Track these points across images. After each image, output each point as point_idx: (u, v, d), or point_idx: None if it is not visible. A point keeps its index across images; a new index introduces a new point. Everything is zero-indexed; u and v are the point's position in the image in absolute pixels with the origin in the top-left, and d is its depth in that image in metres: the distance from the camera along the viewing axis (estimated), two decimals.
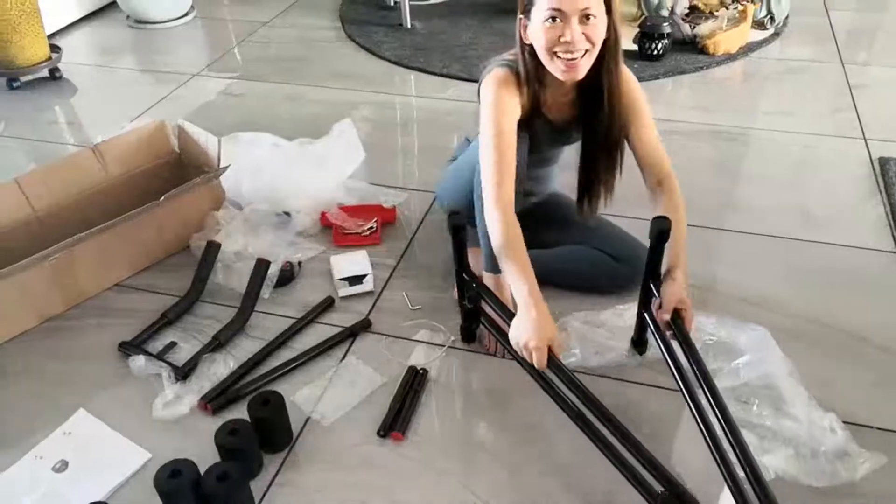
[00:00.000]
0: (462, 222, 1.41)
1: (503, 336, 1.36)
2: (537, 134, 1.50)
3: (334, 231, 1.90)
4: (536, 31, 1.32)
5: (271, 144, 2.14)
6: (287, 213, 1.94)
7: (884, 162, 2.11)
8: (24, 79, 2.81)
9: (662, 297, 1.33)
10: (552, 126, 1.52)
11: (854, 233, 1.87)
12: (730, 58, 2.81)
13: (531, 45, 1.36)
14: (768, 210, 1.96)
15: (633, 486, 1.15)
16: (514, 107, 1.39)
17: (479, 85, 1.45)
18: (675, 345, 1.31)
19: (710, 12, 2.91)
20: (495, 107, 1.38)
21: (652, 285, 1.39)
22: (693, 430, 1.27)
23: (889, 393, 1.44)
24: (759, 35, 2.93)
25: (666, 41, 2.76)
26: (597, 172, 1.50)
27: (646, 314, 1.43)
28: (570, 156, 1.84)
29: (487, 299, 1.45)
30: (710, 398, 1.17)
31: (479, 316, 1.54)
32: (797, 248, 1.83)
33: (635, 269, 1.60)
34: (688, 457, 1.32)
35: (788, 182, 2.09)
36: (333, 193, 2.01)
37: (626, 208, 1.70)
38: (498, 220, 1.34)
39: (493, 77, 1.40)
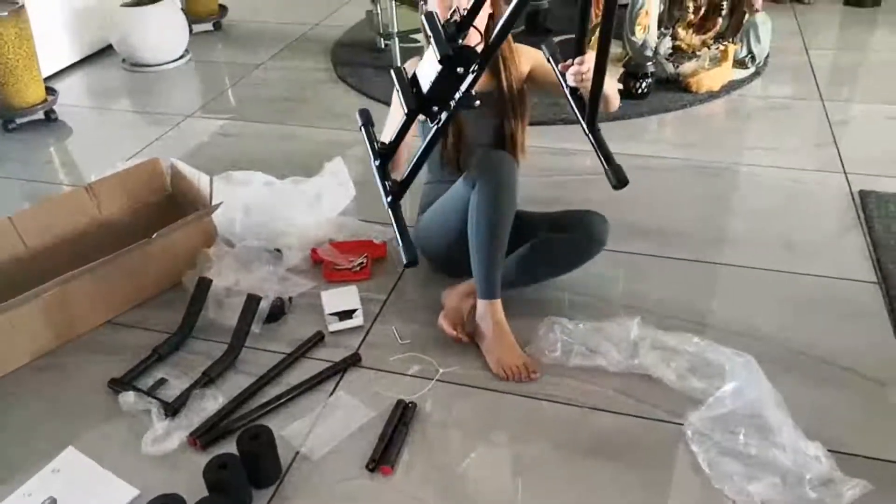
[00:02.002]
0: (369, 117, 1.57)
1: None
2: (464, 118, 1.70)
3: (325, 267, 1.92)
4: (432, 6, 1.61)
5: (263, 183, 2.17)
6: (278, 250, 1.96)
7: (864, 195, 2.16)
8: (19, 120, 2.85)
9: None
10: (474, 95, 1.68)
11: (837, 264, 1.90)
12: (713, 96, 2.87)
13: None
14: (754, 243, 2.00)
15: None
16: None
17: None
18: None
19: (693, 52, 2.99)
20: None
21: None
22: (687, 461, 1.29)
23: (873, 421, 1.45)
24: (741, 74, 3.00)
25: (650, 80, 2.83)
26: (510, 118, 1.74)
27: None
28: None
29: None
30: None
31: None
32: (782, 280, 1.85)
33: (587, 234, 1.70)
34: (683, 486, 1.33)
35: (773, 216, 2.13)
36: (324, 230, 2.04)
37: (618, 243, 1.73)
38: None
39: (406, 65, 1.62)
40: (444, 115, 1.24)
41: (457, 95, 1.20)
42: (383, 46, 3.44)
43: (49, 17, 3.16)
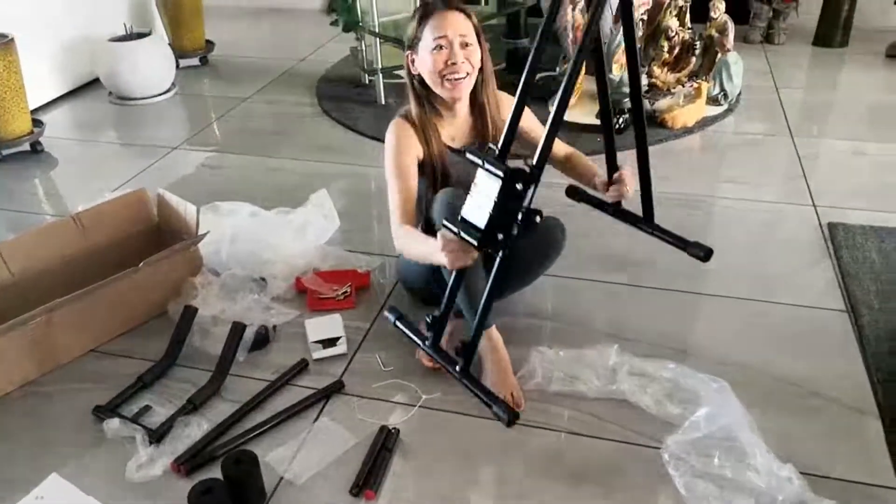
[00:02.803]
0: (399, 312, 1.62)
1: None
2: (452, 166, 1.71)
3: (309, 296, 1.95)
4: (425, 59, 1.61)
5: (249, 213, 2.20)
6: (263, 279, 1.99)
7: (832, 227, 2.23)
8: (5, 152, 2.87)
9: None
10: (461, 153, 1.71)
11: (808, 293, 1.96)
12: (687, 131, 2.96)
13: (419, 75, 1.65)
14: (727, 273, 2.05)
15: None
16: (411, 145, 1.67)
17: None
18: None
19: (668, 89, 3.09)
20: (395, 148, 1.67)
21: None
22: (664, 484, 1.31)
23: (843, 444, 1.50)
24: (714, 110, 3.10)
25: (627, 116, 2.91)
26: None
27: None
28: None
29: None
30: None
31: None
32: (755, 309, 1.91)
33: (543, 239, 1.77)
34: None
35: (746, 247, 2.19)
36: (309, 259, 2.07)
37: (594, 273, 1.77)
38: (404, 229, 1.61)
39: (391, 126, 1.70)
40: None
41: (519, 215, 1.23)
42: (367, 82, 3.51)
43: (37, 50, 3.20)
